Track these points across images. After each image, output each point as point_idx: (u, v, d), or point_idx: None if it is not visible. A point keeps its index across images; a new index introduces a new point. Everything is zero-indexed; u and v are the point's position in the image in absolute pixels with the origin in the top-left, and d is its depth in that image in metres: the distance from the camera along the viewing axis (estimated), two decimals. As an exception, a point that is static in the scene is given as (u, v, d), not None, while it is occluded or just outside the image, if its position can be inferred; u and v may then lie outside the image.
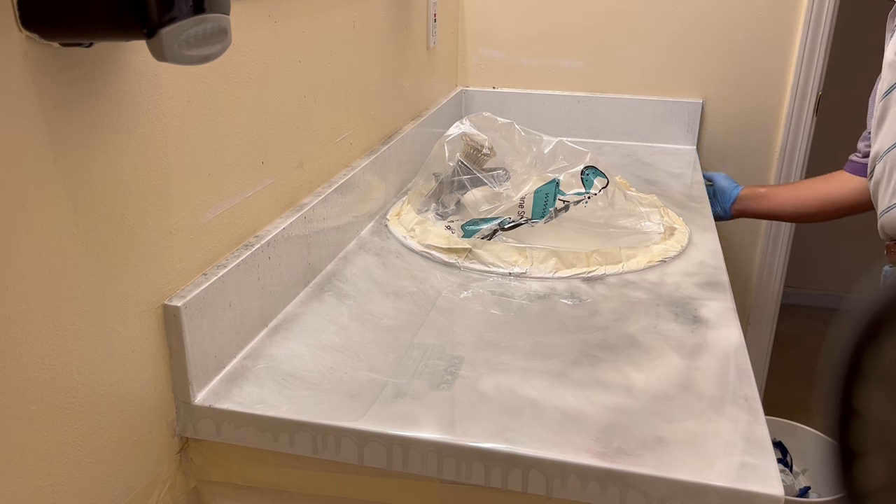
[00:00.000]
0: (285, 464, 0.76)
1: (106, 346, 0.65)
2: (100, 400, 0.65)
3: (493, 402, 0.76)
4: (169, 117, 0.71)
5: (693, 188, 1.45)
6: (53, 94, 0.57)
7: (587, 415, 0.73)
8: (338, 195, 1.07)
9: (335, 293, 0.99)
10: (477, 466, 0.69)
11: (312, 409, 0.74)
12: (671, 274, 1.05)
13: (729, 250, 1.81)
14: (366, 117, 1.21)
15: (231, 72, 0.80)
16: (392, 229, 1.19)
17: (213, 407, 0.75)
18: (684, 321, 0.92)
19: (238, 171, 0.84)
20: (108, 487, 0.68)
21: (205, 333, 0.76)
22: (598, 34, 1.73)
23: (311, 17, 0.99)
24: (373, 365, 0.82)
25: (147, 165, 0.68)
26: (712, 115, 1.74)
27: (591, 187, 1.15)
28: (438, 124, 1.55)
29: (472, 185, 1.20)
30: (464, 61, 1.83)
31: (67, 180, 0.59)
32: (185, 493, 0.79)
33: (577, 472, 0.67)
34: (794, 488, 1.82)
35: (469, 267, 1.07)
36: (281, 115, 0.93)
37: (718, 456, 0.68)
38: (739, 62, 1.68)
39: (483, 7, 1.78)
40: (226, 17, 0.58)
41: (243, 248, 0.84)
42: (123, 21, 0.51)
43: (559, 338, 0.88)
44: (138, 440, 0.71)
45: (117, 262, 0.66)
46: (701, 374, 0.81)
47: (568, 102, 1.78)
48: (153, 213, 0.70)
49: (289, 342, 0.86)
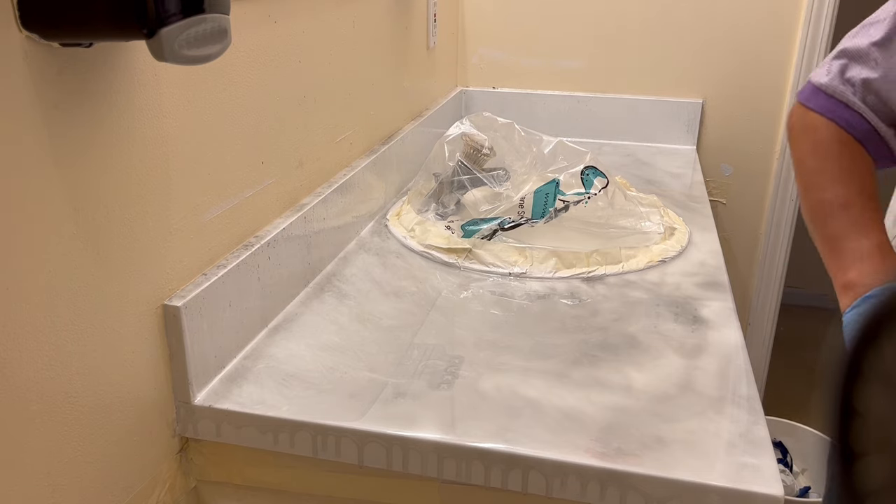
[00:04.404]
0: (285, 464, 0.76)
1: (106, 346, 0.65)
2: (100, 400, 0.65)
3: (493, 402, 0.76)
4: (169, 117, 0.71)
5: (693, 188, 1.45)
6: (53, 95, 0.57)
7: (587, 415, 0.73)
8: (338, 195, 1.07)
9: (335, 293, 0.99)
10: (477, 466, 0.69)
11: (312, 409, 0.74)
12: (671, 274, 1.05)
13: (729, 250, 1.81)
14: (366, 117, 1.21)
15: (231, 72, 0.80)
16: (392, 229, 1.19)
17: (213, 407, 0.75)
18: (684, 321, 0.92)
19: (238, 171, 0.84)
20: (108, 487, 0.67)
21: (205, 333, 0.76)
22: (598, 34, 1.73)
23: (311, 17, 0.99)
24: (373, 365, 0.82)
25: (147, 165, 0.68)
26: (712, 115, 1.74)
27: (591, 187, 1.15)
28: (438, 124, 1.55)
29: (472, 185, 1.20)
30: (464, 61, 1.83)
31: (67, 180, 0.59)
32: (185, 493, 0.79)
33: (576, 473, 0.67)
34: (794, 488, 1.82)
35: (469, 267, 1.07)
36: (281, 115, 0.93)
37: (718, 456, 0.68)
38: (739, 62, 1.68)
39: (483, 7, 1.78)
40: (226, 17, 0.58)
41: (243, 248, 0.84)
42: (123, 21, 0.51)
43: (559, 338, 0.88)
44: (138, 440, 0.71)
45: (117, 262, 0.66)
46: (701, 374, 0.81)
47: (568, 102, 1.78)
48: (153, 213, 0.70)
49: (289, 342, 0.86)
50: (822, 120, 0.87)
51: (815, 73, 0.90)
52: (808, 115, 0.88)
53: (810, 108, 0.88)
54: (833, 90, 0.86)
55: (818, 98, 0.87)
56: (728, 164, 1.76)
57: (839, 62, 0.87)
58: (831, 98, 0.86)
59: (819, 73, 0.89)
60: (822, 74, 0.88)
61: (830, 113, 0.86)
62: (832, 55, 0.89)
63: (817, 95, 0.88)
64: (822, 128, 0.86)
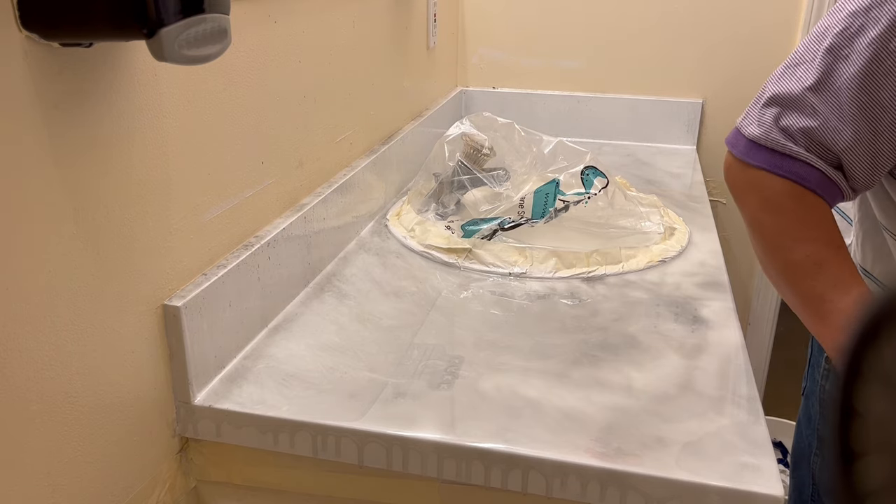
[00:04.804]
0: (285, 464, 0.76)
1: (106, 346, 0.65)
2: (100, 400, 0.65)
3: (492, 402, 0.76)
4: (169, 117, 0.71)
5: (693, 188, 1.45)
6: (53, 95, 0.57)
7: (587, 415, 0.73)
8: (338, 195, 1.07)
9: (335, 293, 0.99)
10: (477, 466, 0.69)
11: (312, 409, 0.74)
12: (671, 274, 1.05)
13: (729, 250, 1.81)
14: (366, 117, 1.21)
15: (231, 72, 0.80)
16: (392, 229, 1.19)
17: (213, 407, 0.75)
18: (684, 321, 0.92)
19: (238, 171, 0.84)
20: (108, 487, 0.67)
21: (205, 333, 0.76)
22: (598, 34, 1.73)
23: (311, 17, 0.99)
24: (373, 365, 0.82)
25: (147, 165, 0.68)
26: (712, 115, 1.74)
27: (591, 187, 1.15)
28: (438, 124, 1.55)
29: (472, 185, 1.20)
30: (464, 61, 1.83)
31: (67, 180, 0.59)
32: (185, 493, 0.79)
33: (576, 473, 0.67)
34: (794, 488, 1.82)
35: (469, 267, 1.07)
36: (281, 115, 0.93)
37: (718, 456, 0.68)
38: (739, 62, 1.68)
39: (483, 7, 1.78)
40: (226, 17, 0.58)
41: (243, 248, 0.84)
42: (123, 21, 0.51)
43: (559, 338, 0.88)
44: (138, 440, 0.71)
45: (117, 261, 0.66)
46: (701, 374, 0.81)
47: (568, 102, 1.78)
48: (153, 212, 0.70)
49: (289, 342, 0.86)
50: (766, 176, 0.79)
51: (742, 121, 0.83)
52: (748, 171, 0.81)
53: (750, 163, 0.80)
54: (773, 143, 0.78)
55: (758, 152, 0.80)
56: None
57: (771, 111, 0.79)
58: (772, 151, 0.78)
59: (748, 122, 0.81)
60: (753, 124, 0.80)
61: (776, 168, 0.78)
62: (760, 102, 0.81)
63: (755, 150, 0.80)
64: (769, 183, 0.79)
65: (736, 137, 0.83)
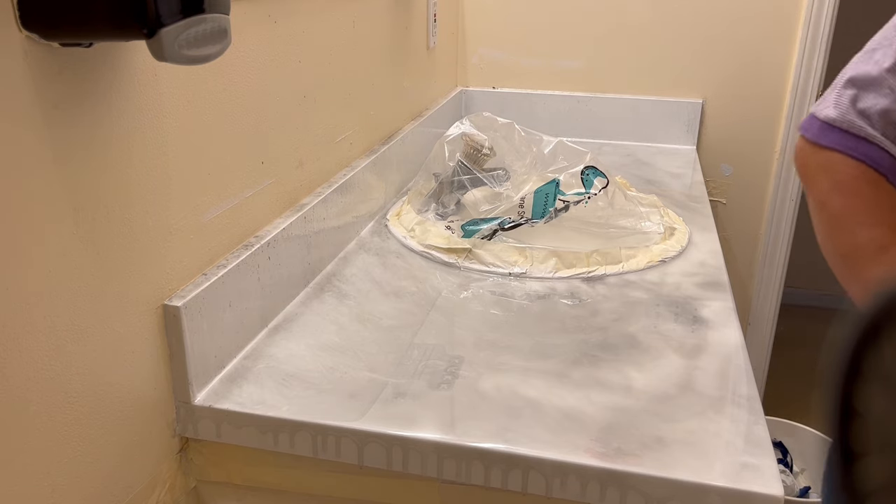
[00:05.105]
0: (285, 464, 0.76)
1: (106, 346, 0.65)
2: (100, 400, 0.65)
3: (492, 402, 0.76)
4: (169, 117, 0.71)
5: (693, 188, 1.45)
6: (53, 95, 0.57)
7: (587, 415, 0.73)
8: (338, 195, 1.07)
9: (335, 293, 0.99)
10: (477, 466, 0.69)
11: (312, 409, 0.74)
12: (671, 274, 1.05)
13: (729, 250, 1.81)
14: (366, 117, 1.21)
15: (231, 72, 0.80)
16: (392, 229, 1.19)
17: (213, 407, 0.75)
18: (684, 321, 0.92)
19: (238, 171, 0.84)
20: (108, 487, 0.67)
21: (205, 333, 0.76)
22: (598, 34, 1.73)
23: (311, 17, 0.99)
24: (373, 365, 0.82)
25: (147, 165, 0.68)
26: (712, 115, 1.74)
27: (591, 187, 1.15)
28: (438, 124, 1.55)
29: (472, 185, 1.20)
30: (464, 61, 1.83)
31: (67, 180, 0.59)
32: (185, 493, 0.79)
33: (576, 473, 0.67)
34: (794, 488, 1.82)
35: (469, 267, 1.07)
36: (281, 115, 0.93)
37: (718, 456, 0.68)
38: (739, 62, 1.68)
39: (483, 7, 1.78)
40: (226, 17, 0.58)
41: (243, 248, 0.84)
42: (123, 21, 0.51)
43: (559, 338, 0.88)
44: (138, 440, 0.71)
45: (117, 261, 0.66)
46: (701, 374, 0.81)
47: (568, 102, 1.78)
48: (153, 212, 0.70)
49: (289, 342, 0.86)
50: (840, 157, 0.79)
51: (818, 106, 0.83)
52: (821, 154, 0.81)
53: (824, 145, 0.80)
54: (849, 124, 0.78)
55: (831, 134, 0.80)
56: (728, 164, 1.76)
57: (849, 92, 0.79)
58: (847, 133, 0.79)
59: (825, 105, 0.81)
60: (830, 107, 0.81)
61: (850, 149, 0.79)
62: (839, 85, 0.81)
63: (830, 131, 0.80)
64: (842, 165, 0.79)
65: (810, 122, 0.83)
